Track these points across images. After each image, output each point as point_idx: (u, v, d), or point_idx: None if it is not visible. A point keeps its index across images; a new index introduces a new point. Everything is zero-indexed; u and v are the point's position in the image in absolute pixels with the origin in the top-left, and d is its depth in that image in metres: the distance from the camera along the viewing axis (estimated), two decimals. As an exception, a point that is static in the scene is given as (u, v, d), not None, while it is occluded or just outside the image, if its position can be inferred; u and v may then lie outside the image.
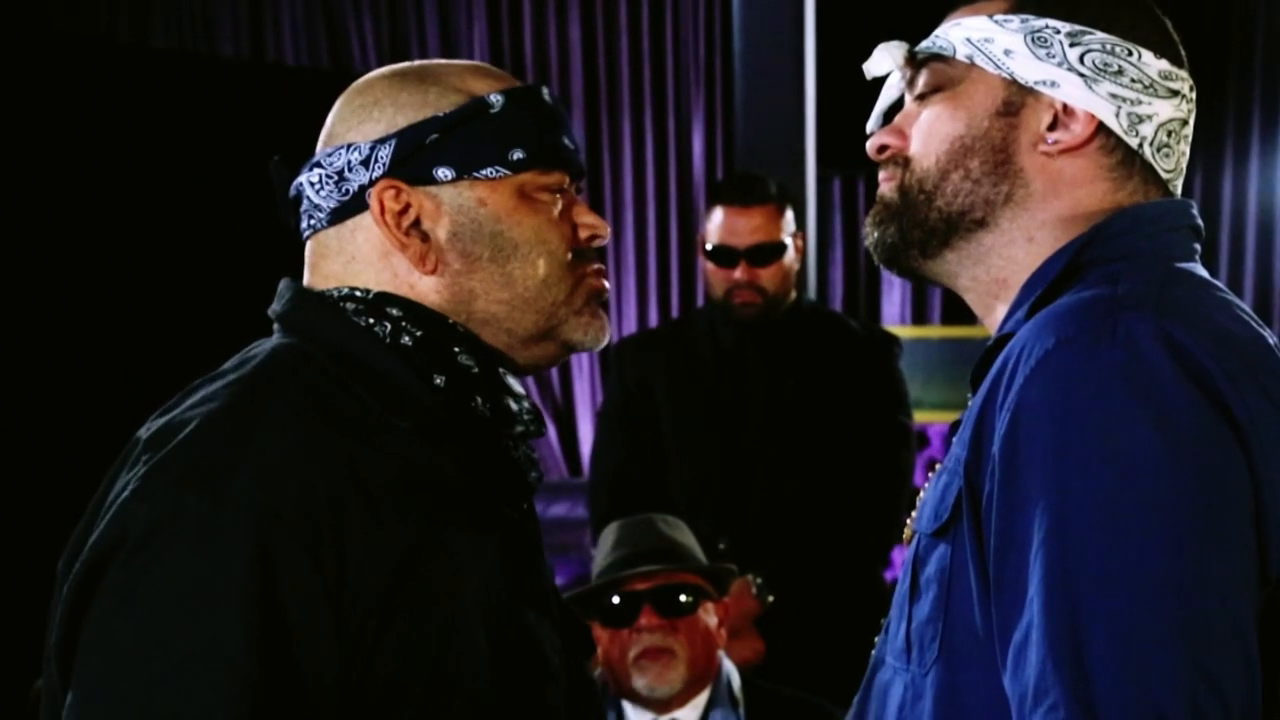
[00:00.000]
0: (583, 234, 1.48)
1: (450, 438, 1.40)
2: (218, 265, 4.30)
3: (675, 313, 7.42)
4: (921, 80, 1.44)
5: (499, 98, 1.44)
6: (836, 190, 7.32)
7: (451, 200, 1.42)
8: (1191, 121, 1.43)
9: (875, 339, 3.55)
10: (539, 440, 8.17)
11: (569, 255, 1.46)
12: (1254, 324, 1.31)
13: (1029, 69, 1.38)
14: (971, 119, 1.40)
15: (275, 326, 1.46)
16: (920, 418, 4.76)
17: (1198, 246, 1.40)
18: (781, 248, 3.39)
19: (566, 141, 1.48)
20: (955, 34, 1.42)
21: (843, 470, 3.40)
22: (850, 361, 3.47)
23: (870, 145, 1.46)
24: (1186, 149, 1.43)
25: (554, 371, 7.49)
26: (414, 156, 1.42)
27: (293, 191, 1.47)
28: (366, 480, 1.31)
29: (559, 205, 1.47)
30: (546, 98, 1.48)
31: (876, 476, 3.42)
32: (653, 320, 7.45)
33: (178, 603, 1.23)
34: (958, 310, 7.53)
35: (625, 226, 7.56)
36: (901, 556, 5.12)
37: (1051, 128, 1.38)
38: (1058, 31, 1.38)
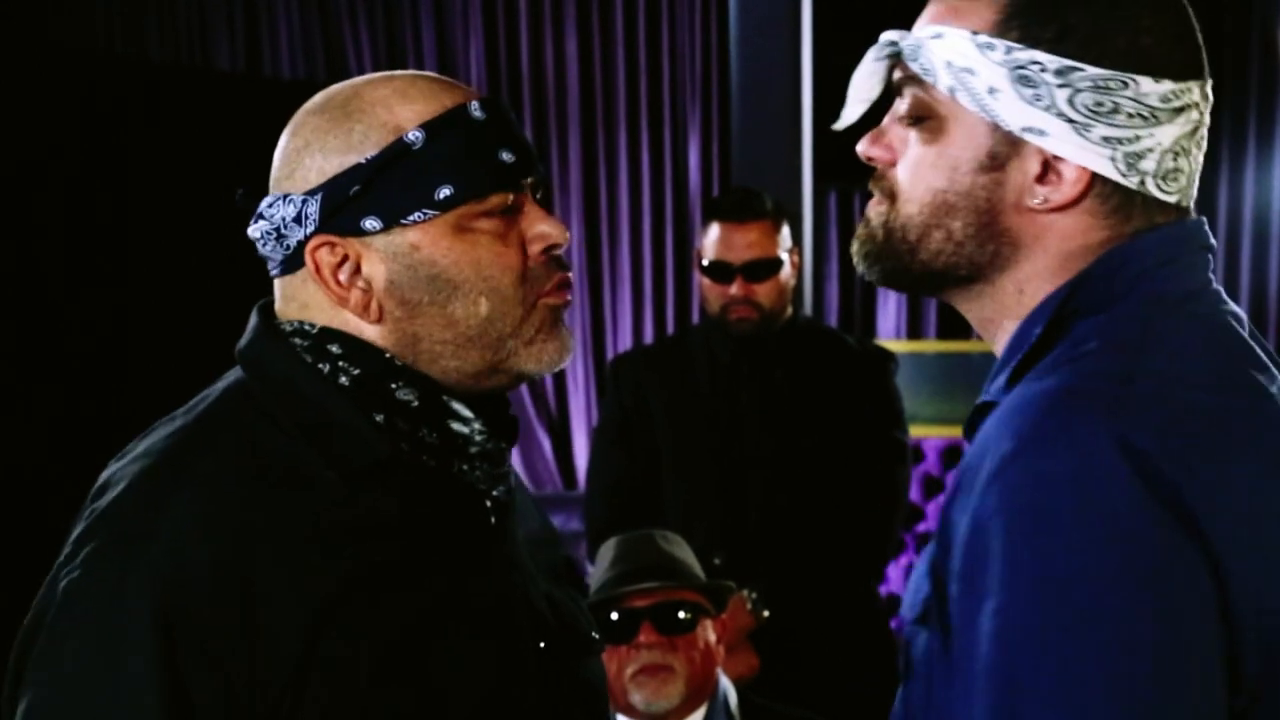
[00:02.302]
0: (535, 247, 1.42)
1: (393, 474, 1.38)
2: (211, 278, 4.30)
3: (671, 328, 7.42)
4: (905, 101, 1.34)
5: (419, 134, 1.37)
6: (833, 205, 7.32)
7: (385, 248, 1.39)
8: (1205, 123, 1.32)
9: (871, 355, 3.54)
10: (536, 454, 8.09)
11: (515, 283, 1.40)
12: (1238, 377, 1.23)
13: (1015, 114, 1.27)
14: (954, 173, 1.30)
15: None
16: (915, 432, 4.75)
17: (1209, 269, 1.32)
18: (777, 263, 3.38)
19: (505, 156, 1.40)
20: (937, 54, 1.30)
21: (838, 486, 3.39)
22: (846, 377, 3.46)
23: (858, 150, 1.38)
24: (1201, 152, 1.32)
25: (549, 385, 7.49)
26: (341, 210, 1.38)
27: (249, 236, 1.45)
28: (287, 535, 1.32)
29: (503, 225, 1.40)
30: (476, 113, 1.40)
31: (872, 492, 3.41)
32: (649, 335, 7.44)
33: (89, 676, 1.27)
34: (953, 325, 7.53)
35: (621, 241, 7.55)
36: (897, 571, 5.10)
37: (1041, 177, 1.28)
38: (1044, 69, 1.26)
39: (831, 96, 5.31)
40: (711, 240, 3.40)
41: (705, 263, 3.41)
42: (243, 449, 1.35)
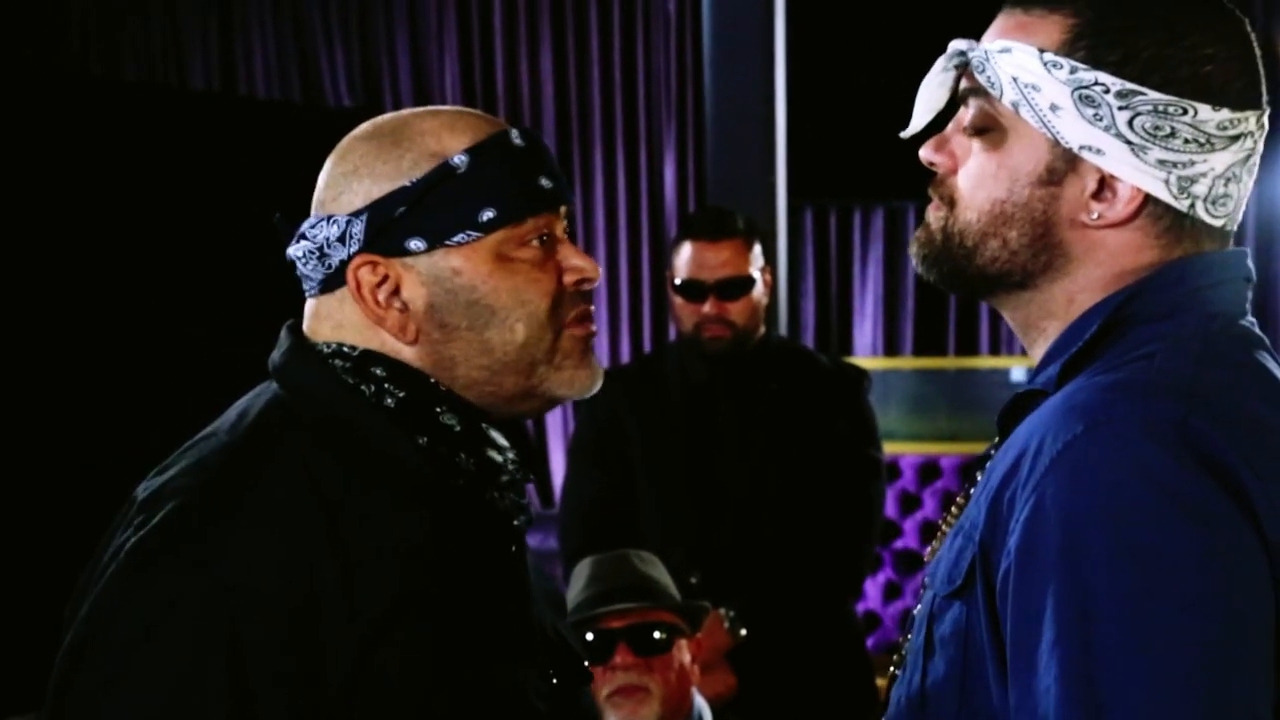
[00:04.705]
0: (569, 278, 1.47)
1: (434, 497, 1.42)
2: (187, 296, 4.29)
3: (648, 345, 7.43)
4: (970, 111, 1.39)
5: (463, 158, 1.43)
6: (808, 222, 7.34)
7: (427, 270, 1.43)
8: (1258, 150, 1.36)
9: (844, 373, 3.55)
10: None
11: (550, 309, 1.45)
12: None
13: (1074, 131, 1.31)
14: (1013, 184, 1.35)
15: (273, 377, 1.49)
16: (891, 449, 4.75)
17: (1248, 294, 1.37)
18: (750, 281, 3.39)
19: (544, 182, 1.46)
20: (1004, 67, 1.34)
21: (814, 504, 3.40)
22: (820, 395, 3.47)
23: (921, 155, 1.42)
24: (1251, 179, 1.37)
25: (526, 404, 7.50)
26: (387, 230, 1.42)
27: (288, 257, 1.49)
28: (346, 554, 1.35)
29: (541, 254, 1.46)
30: (516, 140, 1.46)
31: (848, 509, 3.42)
32: (626, 353, 7.45)
33: (156, 691, 1.28)
34: (929, 342, 7.56)
35: (597, 259, 7.56)
36: (875, 589, 5.08)
37: (1097, 194, 1.33)
38: (1107, 90, 1.30)
39: (805, 114, 5.34)
40: (684, 259, 3.40)
41: (678, 282, 3.41)
42: (297, 469, 1.38)
